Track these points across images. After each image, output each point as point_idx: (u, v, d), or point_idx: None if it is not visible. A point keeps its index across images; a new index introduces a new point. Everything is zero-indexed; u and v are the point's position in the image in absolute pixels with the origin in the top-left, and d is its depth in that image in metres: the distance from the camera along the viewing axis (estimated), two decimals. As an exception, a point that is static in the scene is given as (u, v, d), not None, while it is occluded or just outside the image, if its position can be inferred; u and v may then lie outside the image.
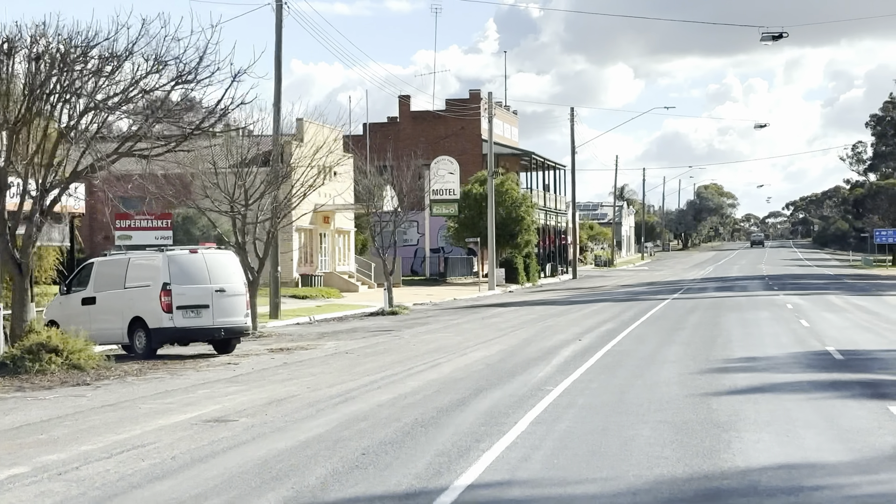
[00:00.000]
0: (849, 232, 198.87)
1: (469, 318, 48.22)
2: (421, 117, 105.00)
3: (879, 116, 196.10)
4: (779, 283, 78.40)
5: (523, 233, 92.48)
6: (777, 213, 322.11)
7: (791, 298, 56.38)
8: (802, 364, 25.42)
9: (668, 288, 75.16)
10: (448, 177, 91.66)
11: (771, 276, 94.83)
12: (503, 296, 74.59)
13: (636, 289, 76.21)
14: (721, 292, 65.62)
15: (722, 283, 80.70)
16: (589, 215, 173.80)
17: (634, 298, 61.42)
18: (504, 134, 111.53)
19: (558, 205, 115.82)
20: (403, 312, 55.05)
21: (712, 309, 48.65)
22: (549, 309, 53.95)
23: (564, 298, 65.67)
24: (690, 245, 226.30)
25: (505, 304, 60.07)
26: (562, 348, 31.36)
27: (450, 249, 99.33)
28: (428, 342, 35.61)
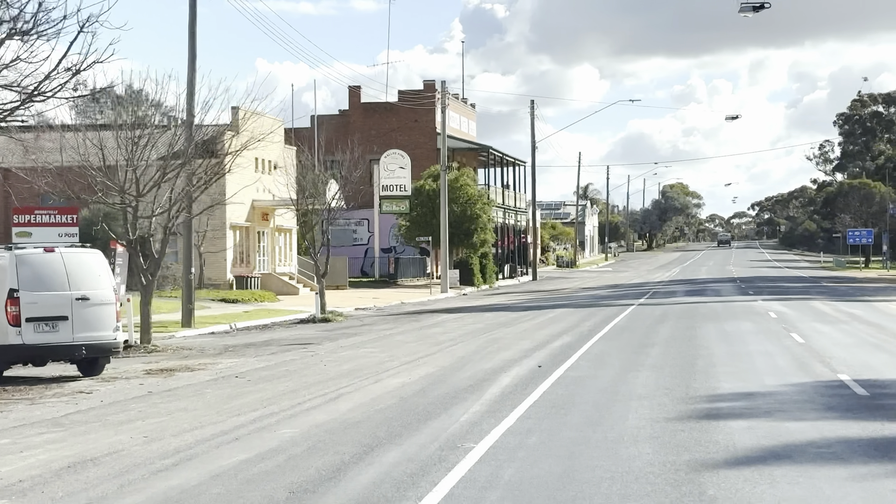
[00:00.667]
0: (817, 232, 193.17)
1: (406, 328, 41.63)
2: (372, 109, 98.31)
3: (847, 115, 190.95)
4: (753, 286, 72.09)
5: (479, 232, 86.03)
6: (742, 214, 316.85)
7: (772, 305, 50.02)
8: (817, 404, 18.80)
9: (633, 291, 68.78)
10: (399, 172, 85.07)
11: (742, 278, 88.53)
12: (455, 300, 68.07)
13: (599, 292, 69.81)
14: (692, 297, 59.25)
15: (691, 287, 74.31)
16: (552, 215, 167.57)
17: (596, 304, 54.97)
18: (461, 128, 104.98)
19: (518, 203, 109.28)
20: (336, 320, 48.52)
21: (685, 318, 42.21)
22: (500, 316, 47.44)
23: (520, 303, 59.19)
24: (655, 245, 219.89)
25: (453, 310, 53.54)
26: (503, 372, 24.80)
27: (402, 249, 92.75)
28: (344, 361, 29.00)
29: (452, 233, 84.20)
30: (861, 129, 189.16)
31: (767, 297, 57.41)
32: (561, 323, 41.62)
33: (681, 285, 77.73)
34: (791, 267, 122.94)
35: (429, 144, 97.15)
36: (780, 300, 54.12)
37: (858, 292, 63.51)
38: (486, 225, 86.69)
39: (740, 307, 48.81)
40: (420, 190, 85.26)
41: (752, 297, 57.74)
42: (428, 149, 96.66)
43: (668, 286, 76.53)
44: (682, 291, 66.51)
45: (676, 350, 29.02)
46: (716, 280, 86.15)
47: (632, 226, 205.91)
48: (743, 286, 71.95)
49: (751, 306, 49.32)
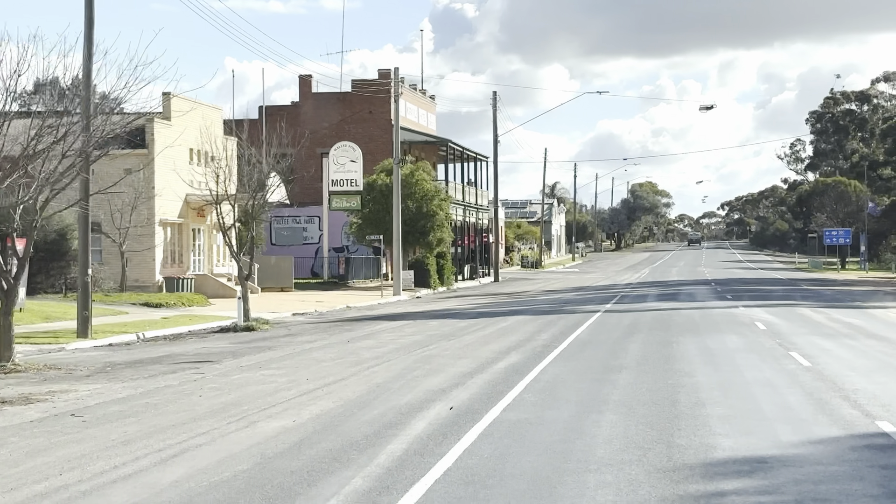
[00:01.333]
0: (789, 233, 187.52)
1: (333, 340, 35.16)
2: (324, 100, 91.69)
3: (819, 113, 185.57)
4: (729, 289, 65.85)
5: (436, 230, 79.61)
6: (712, 214, 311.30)
7: (755, 313, 43.70)
8: (872, 482, 12.27)
9: (599, 295, 62.48)
10: (349, 165, 78.49)
11: (717, 280, 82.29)
12: (405, 303, 61.71)
13: (562, 296, 63.50)
14: (664, 302, 52.97)
15: (663, 290, 68.01)
16: (517, 213, 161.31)
17: (558, 310, 48.63)
18: (420, 121, 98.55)
19: (481, 200, 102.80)
20: (261, 329, 42.07)
21: (659, 329, 35.82)
22: (447, 325, 41.02)
23: (474, 308, 52.80)
24: (624, 245, 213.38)
25: (398, 317, 47.13)
26: (420, 412, 18.41)
27: (355, 249, 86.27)
28: (229, 389, 22.56)
29: (407, 231, 77.94)
30: (834, 127, 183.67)
31: (748, 302, 51.23)
32: (513, 335, 35.23)
33: (651, 288, 71.52)
34: (765, 268, 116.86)
35: (384, 137, 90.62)
36: (763, 307, 47.84)
37: (846, 297, 57.37)
38: (444, 223, 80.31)
39: (721, 315, 42.51)
40: (373, 185, 78.85)
41: (732, 302, 51.52)
42: (383, 142, 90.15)
43: (638, 289, 70.33)
44: (654, 295, 60.26)
45: (651, 377, 22.58)
46: (689, 282, 79.96)
47: (600, 225, 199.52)
48: (719, 289, 65.71)
49: (732, 314, 43.04)
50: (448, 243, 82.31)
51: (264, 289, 70.54)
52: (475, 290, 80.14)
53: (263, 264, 72.71)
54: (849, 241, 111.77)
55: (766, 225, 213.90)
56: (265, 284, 71.32)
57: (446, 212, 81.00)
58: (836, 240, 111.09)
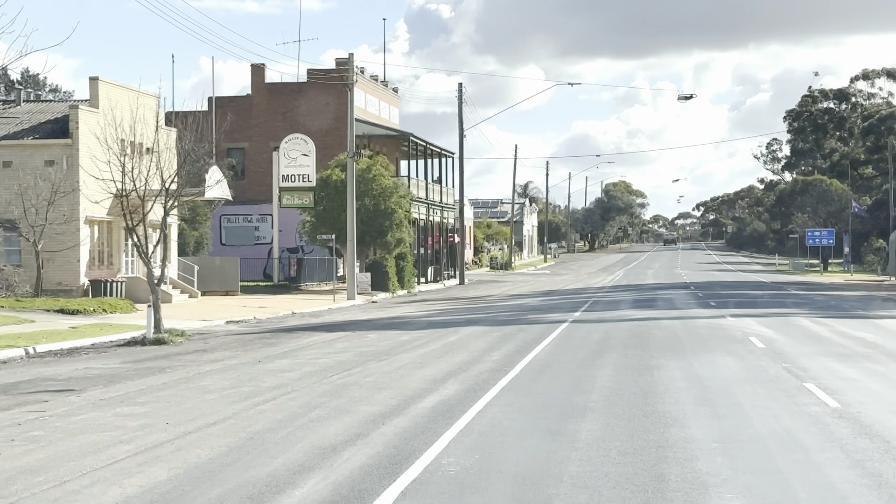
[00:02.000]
0: (766, 233, 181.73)
1: (244, 360, 28.79)
2: (278, 91, 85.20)
3: (797, 111, 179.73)
4: (711, 294, 59.69)
5: (394, 229, 73.24)
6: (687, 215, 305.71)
7: (747, 324, 37.40)
8: None
9: (569, 301, 56.25)
10: (301, 159, 72.09)
11: (696, 284, 76.12)
12: (355, 310, 55.47)
13: (529, 301, 57.28)
14: (641, 310, 46.65)
15: (638, 294, 61.79)
16: (488, 213, 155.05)
17: (520, 319, 42.35)
18: (381, 114, 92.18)
19: (446, 199, 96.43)
20: (173, 341, 35.78)
21: (635, 347, 29.42)
22: (389, 338, 34.72)
23: (427, 316, 46.53)
24: (598, 246, 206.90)
25: (338, 326, 40.82)
26: (280, 494, 12.07)
27: (311, 249, 79.79)
28: (55, 440, 16.34)
29: (363, 230, 71.67)
30: (812, 126, 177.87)
31: (735, 310, 45.01)
32: (460, 353, 28.91)
33: (626, 292, 65.35)
34: (745, 270, 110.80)
35: (342, 131, 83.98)
36: (753, 316, 41.55)
37: (843, 304, 51.23)
38: (403, 221, 73.93)
39: (707, 327, 36.22)
40: (327, 181, 72.51)
41: (717, 310, 45.29)
42: (341, 135, 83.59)
43: (612, 293, 64.16)
44: (628, 301, 54.00)
45: (625, 429, 16.16)
46: (666, 286, 73.79)
47: (573, 225, 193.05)
48: (700, 294, 59.49)
49: (720, 326, 36.76)
50: (408, 244, 75.97)
51: (207, 293, 64.22)
52: (437, 293, 73.92)
53: (206, 266, 66.32)
54: (832, 242, 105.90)
55: (743, 226, 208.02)
56: (209, 288, 64.97)
57: (406, 210, 74.66)
58: (818, 241, 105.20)
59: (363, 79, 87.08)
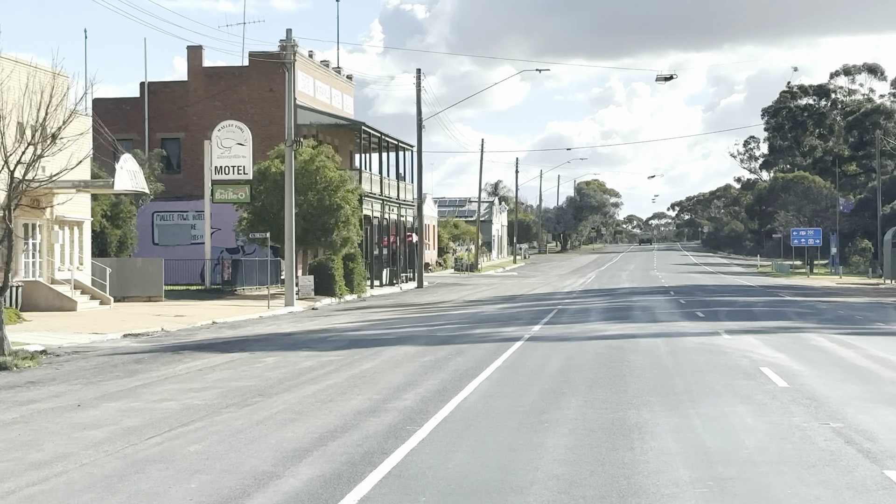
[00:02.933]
0: (744, 233, 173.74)
1: (72, 400, 20.29)
2: (217, 76, 76.52)
3: (776, 108, 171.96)
4: (695, 302, 51.27)
5: (340, 227, 64.79)
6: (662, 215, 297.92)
7: (751, 346, 28.62)
8: None
9: (531, 309, 47.78)
10: (237, 149, 63.53)
11: (676, 288, 67.70)
12: (287, 319, 47.26)
13: (485, 309, 48.84)
14: (614, 323, 37.99)
15: (612, 301, 53.28)
16: (455, 212, 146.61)
17: (465, 335, 33.82)
18: (333, 102, 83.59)
19: (405, 195, 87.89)
20: (17, 366, 27.46)
21: (606, 386, 20.57)
22: (288, 363, 26.29)
23: (358, 330, 38.08)
24: (570, 247, 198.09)
25: (241, 345, 32.37)
26: None
27: (252, 249, 71.11)
28: None
29: (305, 228, 63.34)
30: (791, 122, 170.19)
31: (730, 324, 36.40)
32: (362, 393, 20.41)
33: (598, 298, 56.96)
34: (726, 272, 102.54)
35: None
36: (755, 333, 32.84)
37: (854, 314, 42.83)
38: (350, 218, 65.43)
39: (699, 350, 27.64)
40: (265, 173, 64.06)
41: (707, 324, 36.73)
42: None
43: (581, 299, 55.77)
44: (600, 311, 45.46)
45: None
46: (643, 290, 65.38)
47: (545, 225, 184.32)
48: (683, 302, 50.93)
49: (717, 349, 28.07)
50: (356, 243, 67.42)
51: (127, 298, 55.75)
52: (389, 298, 65.54)
53: (126, 269, 57.75)
54: (819, 242, 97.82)
55: (720, 226, 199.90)
56: (129, 293, 56.46)
57: (354, 206, 66.14)
58: (804, 241, 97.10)
59: (311, 63, 78.55)
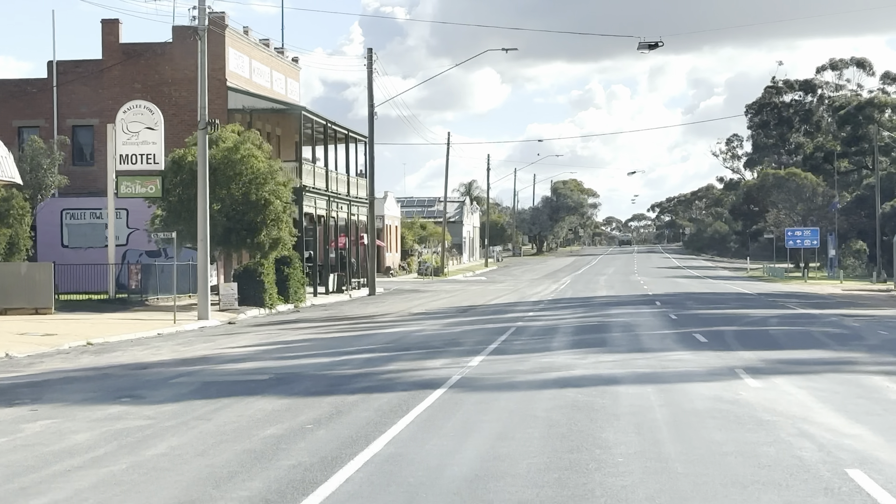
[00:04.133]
0: (728, 235, 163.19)
1: None
2: (137, 54, 65.43)
3: (760, 103, 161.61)
4: (690, 317, 40.16)
5: (269, 226, 54.17)
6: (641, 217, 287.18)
7: (797, 402, 17.29)
8: None
9: (481, 327, 36.91)
10: (146, 134, 52.68)
11: (662, 297, 56.75)
12: (189, 337, 37.41)
13: (424, 328, 37.96)
14: (584, 353, 26.73)
15: (585, 315, 42.13)
16: (424, 212, 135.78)
17: (368, 376, 22.90)
18: (275, 87, 72.74)
19: (360, 192, 76.99)
20: None
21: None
22: (52, 433, 15.53)
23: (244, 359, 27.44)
24: (546, 249, 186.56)
25: (41, 390, 21.72)
26: None
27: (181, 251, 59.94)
28: None
29: (228, 227, 52.97)
30: (776, 119, 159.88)
31: (746, 354, 25.02)
32: None
33: (569, 311, 46.18)
34: (713, 277, 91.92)
35: (217, 103, 64.73)
36: (790, 373, 21.14)
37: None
38: (282, 216, 54.75)
39: (716, 413, 16.49)
40: (181, 163, 53.34)
41: (713, 352, 25.66)
42: (216, 108, 64.23)
43: (549, 312, 45.00)
44: (568, 331, 34.36)
45: None
46: (623, 300, 54.54)
47: (520, 227, 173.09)
48: (675, 318, 39.58)
49: (748, 412, 16.57)
50: (289, 245, 56.65)
51: (9, 311, 45.51)
52: (326, 310, 54.95)
53: (8, 275, 47.22)
54: (816, 243, 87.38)
55: (703, 227, 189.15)
56: (12, 304, 46.29)
57: (286, 201, 55.40)
58: (800, 242, 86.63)
59: (245, 40, 67.71)
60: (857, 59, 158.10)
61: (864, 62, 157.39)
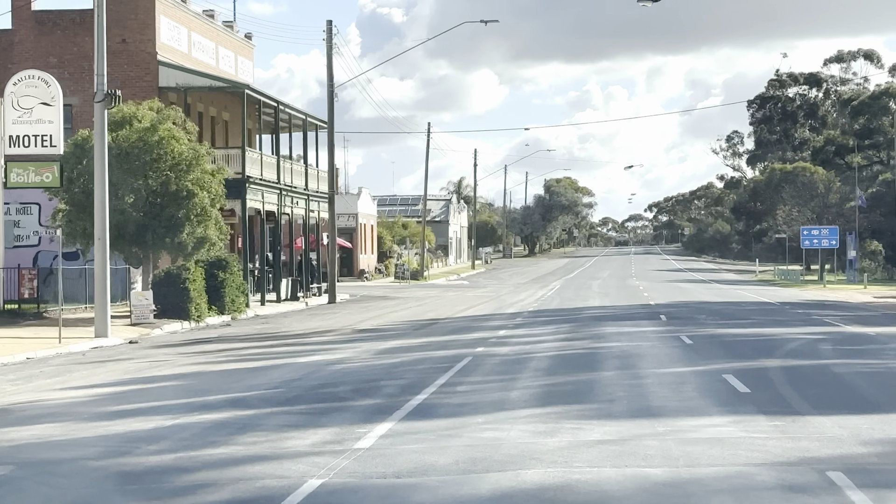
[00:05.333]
0: (731, 235, 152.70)
1: None
2: (53, 23, 54.96)
3: (764, 97, 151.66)
4: (710, 341, 29.32)
5: (194, 222, 44.19)
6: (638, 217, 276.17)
7: None
8: None
9: (429, 356, 26.50)
10: (40, 112, 42.58)
11: (668, 309, 45.97)
12: (62, 365, 28.14)
13: (353, 355, 27.62)
14: (554, 414, 16.39)
15: (567, 341, 31.27)
16: (408, 211, 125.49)
17: (177, 473, 12.84)
18: (221, 65, 62.40)
19: (320, 185, 66.62)
20: None
21: None
22: None
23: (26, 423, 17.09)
24: (539, 250, 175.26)
25: None
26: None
27: (94, 254, 49.52)
28: None
29: (143, 224, 43.22)
30: (780, 113, 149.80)
31: (832, 431, 14.14)
32: None
33: (550, 328, 35.80)
34: (720, 280, 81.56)
35: (145, 80, 54.71)
36: None
37: None
38: (209, 211, 44.65)
39: None
40: (85, 147, 43.28)
41: (767, 421, 15.18)
42: (144, 85, 54.22)
43: (523, 332, 34.64)
44: (541, 368, 23.51)
45: None
46: (620, 314, 43.96)
47: (510, 227, 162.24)
48: (688, 342, 28.59)
49: None
50: (219, 245, 46.44)
51: None
52: (266, 322, 44.97)
53: None
54: (835, 243, 77.16)
55: (704, 227, 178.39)
56: None
57: (216, 194, 45.26)
58: (817, 242, 76.45)
59: (182, 8, 57.35)
60: (866, 51, 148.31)
61: (872, 54, 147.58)
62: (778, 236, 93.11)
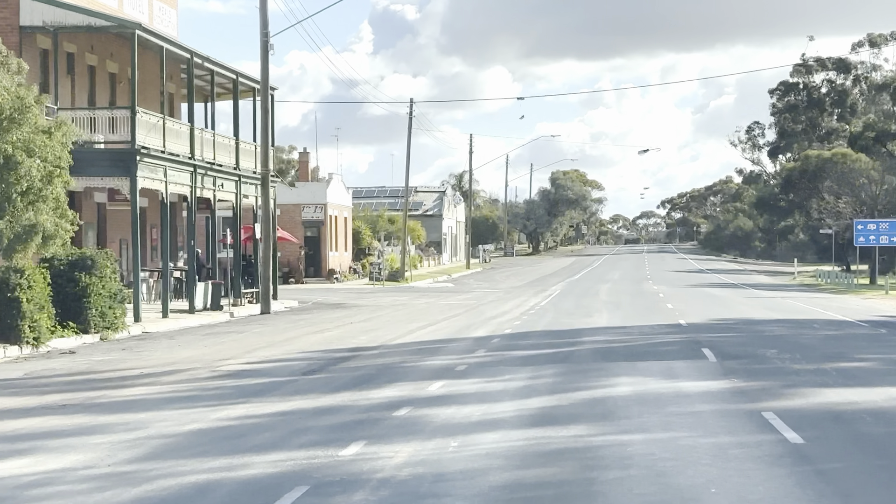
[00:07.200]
0: (754, 232, 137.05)
1: None
2: None
3: (788, 84, 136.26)
4: (819, 421, 14.61)
5: (21, 205, 29.27)
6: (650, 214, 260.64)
7: None
8: None
9: (228, 474, 11.63)
10: None
11: (706, 333, 30.44)
12: None
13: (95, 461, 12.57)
14: None
15: (546, 414, 16.14)
16: (396, 204, 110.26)
17: None
18: (125, 9, 47.26)
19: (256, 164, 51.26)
20: None
21: None
22: None
23: None
24: (544, 248, 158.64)
25: None
26: None
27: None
28: None
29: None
30: (807, 101, 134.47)
31: None
32: None
33: (519, 378, 20.67)
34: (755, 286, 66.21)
35: (9, 22, 39.86)
36: None
37: None
38: (44, 188, 29.72)
39: None
40: None
41: None
42: (6, 32, 39.33)
43: (475, 384, 19.53)
44: None
45: None
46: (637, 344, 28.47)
47: (513, 223, 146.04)
48: (795, 436, 13.38)
49: None
50: (64, 239, 31.42)
51: None
52: (139, 347, 29.77)
53: None
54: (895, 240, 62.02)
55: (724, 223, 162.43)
56: None
57: (57, 164, 30.30)
58: (874, 239, 61.38)
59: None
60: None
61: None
62: (824, 231, 77.78)
